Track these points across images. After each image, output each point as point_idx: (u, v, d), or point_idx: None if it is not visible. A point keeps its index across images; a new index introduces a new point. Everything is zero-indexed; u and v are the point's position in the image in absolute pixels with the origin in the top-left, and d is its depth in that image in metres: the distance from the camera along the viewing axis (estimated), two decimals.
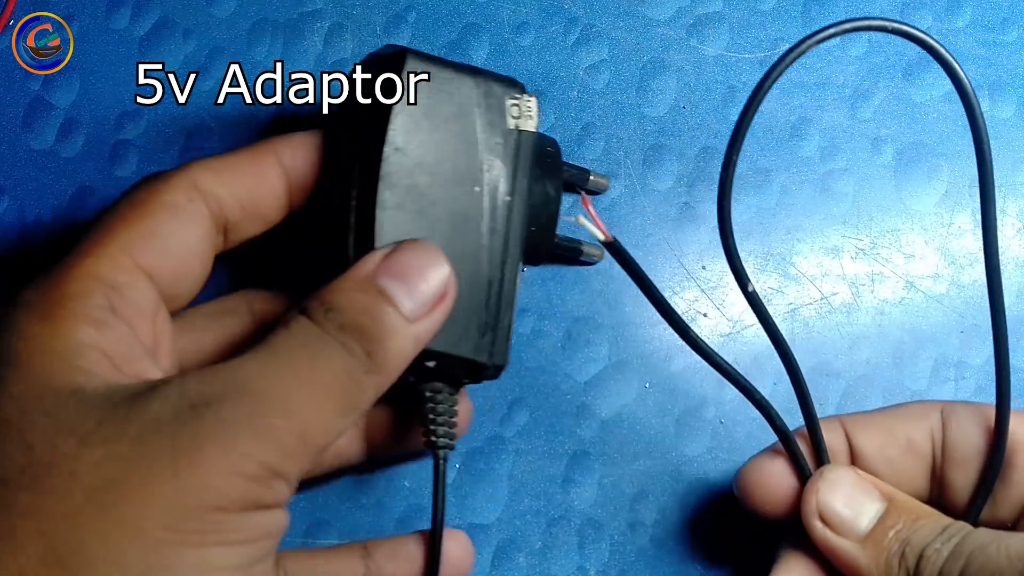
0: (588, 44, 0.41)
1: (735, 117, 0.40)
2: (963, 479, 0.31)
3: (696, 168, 0.40)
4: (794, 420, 0.39)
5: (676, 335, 0.39)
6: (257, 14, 0.41)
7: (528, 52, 0.41)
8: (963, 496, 0.31)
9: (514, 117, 0.31)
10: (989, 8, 0.41)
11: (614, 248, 0.29)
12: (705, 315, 0.39)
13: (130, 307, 0.27)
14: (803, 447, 0.33)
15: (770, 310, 0.39)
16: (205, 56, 0.41)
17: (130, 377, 0.26)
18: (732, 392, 0.38)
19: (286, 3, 0.41)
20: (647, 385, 0.39)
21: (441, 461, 0.32)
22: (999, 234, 0.39)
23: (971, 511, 0.31)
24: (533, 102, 0.32)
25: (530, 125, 0.32)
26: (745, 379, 0.32)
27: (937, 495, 0.32)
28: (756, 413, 0.38)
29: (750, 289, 0.31)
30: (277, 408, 0.25)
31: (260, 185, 0.31)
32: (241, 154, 0.31)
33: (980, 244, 0.39)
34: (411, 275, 0.28)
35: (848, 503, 0.30)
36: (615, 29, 0.41)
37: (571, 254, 0.38)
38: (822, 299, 0.39)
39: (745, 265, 0.39)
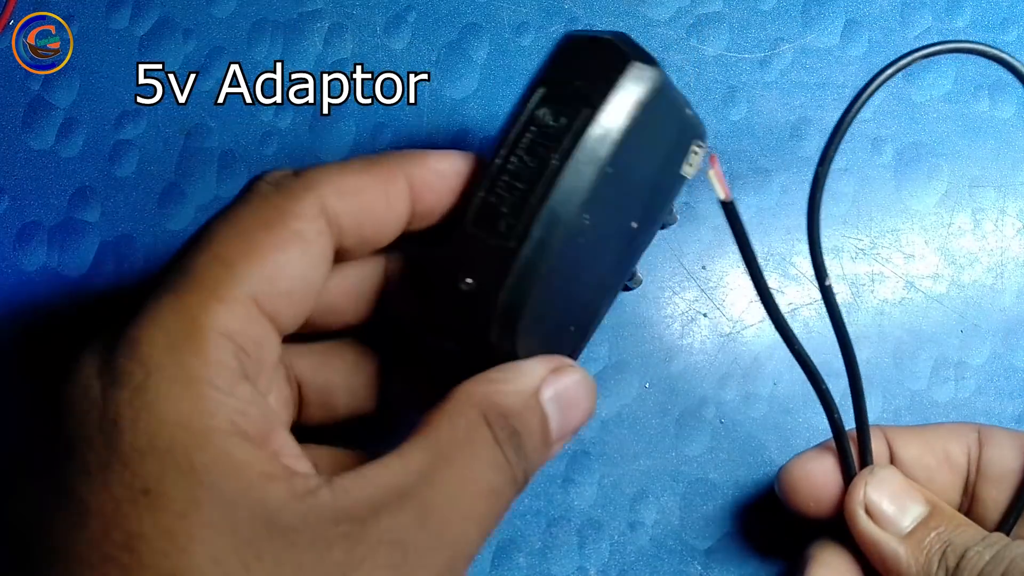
0: None
1: (735, 117, 0.40)
2: (994, 496, 0.32)
3: None
4: (793, 418, 0.39)
5: (676, 336, 0.39)
6: (257, 14, 0.41)
7: (528, 52, 0.41)
8: (992, 513, 0.32)
9: (688, 164, 0.30)
10: (989, 8, 0.41)
11: (729, 209, 0.28)
12: (705, 315, 0.39)
13: (257, 368, 0.25)
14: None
15: None
16: (205, 56, 0.41)
17: (269, 455, 0.24)
18: (732, 392, 0.38)
19: (286, 3, 0.41)
20: (647, 385, 0.39)
21: None
22: (998, 234, 0.39)
23: (1002, 527, 0.32)
24: (702, 154, 0.30)
25: (690, 173, 0.30)
26: (817, 369, 0.32)
27: (967, 509, 0.33)
28: (756, 413, 0.38)
29: (827, 283, 0.31)
30: (461, 557, 0.25)
31: (386, 213, 0.28)
32: (370, 173, 0.28)
33: (980, 244, 0.39)
34: (571, 407, 0.28)
35: (894, 501, 0.32)
36: (615, 29, 0.41)
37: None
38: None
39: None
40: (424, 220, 0.29)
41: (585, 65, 0.27)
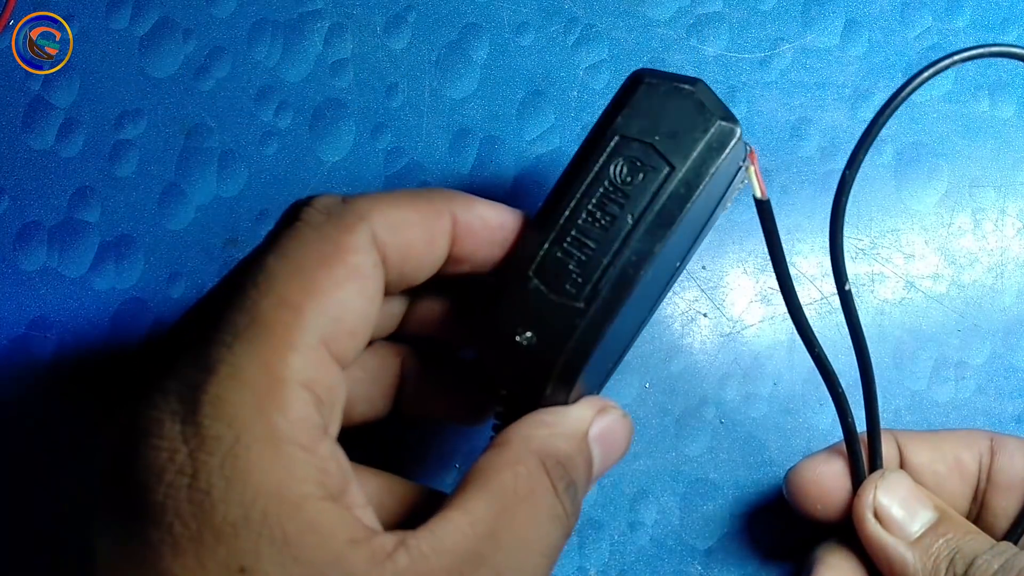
0: (588, 44, 0.41)
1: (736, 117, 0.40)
2: (1003, 505, 0.32)
3: None
4: (793, 418, 0.39)
5: (676, 336, 0.39)
6: (257, 14, 0.41)
7: (528, 52, 0.41)
8: (1001, 521, 0.32)
9: (727, 197, 0.29)
10: (989, 8, 0.41)
11: (764, 208, 0.28)
12: (705, 315, 0.39)
13: (330, 414, 0.24)
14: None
15: (770, 310, 0.39)
16: (205, 56, 0.41)
17: (350, 515, 0.23)
18: (732, 392, 0.38)
19: (286, 3, 0.41)
20: (647, 385, 0.39)
21: None
22: (998, 234, 0.39)
23: (1011, 536, 0.32)
24: (741, 189, 0.30)
25: (728, 207, 0.30)
26: (835, 372, 0.32)
27: (976, 517, 0.33)
28: (756, 413, 0.38)
29: (847, 288, 0.31)
30: None
31: (426, 251, 0.27)
32: (417, 208, 0.27)
33: (980, 244, 0.39)
34: (611, 446, 0.29)
35: (904, 506, 0.32)
36: (615, 29, 0.41)
37: None
38: (822, 299, 0.39)
39: (745, 265, 0.39)
40: (457, 265, 0.28)
41: (665, 117, 0.26)
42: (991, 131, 0.40)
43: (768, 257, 0.39)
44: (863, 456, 0.33)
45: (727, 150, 0.26)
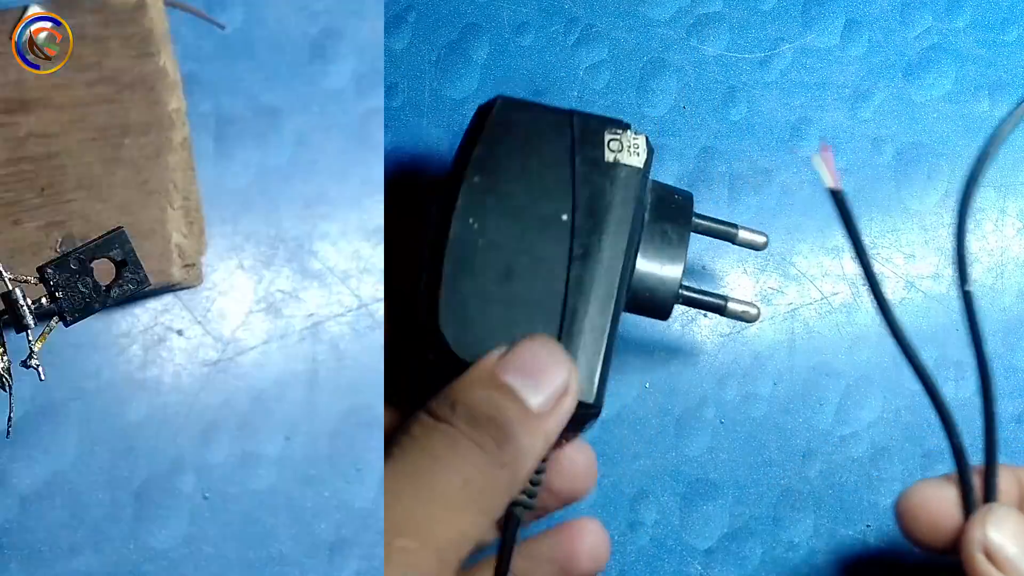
0: (588, 44, 0.41)
1: (735, 117, 0.40)
2: None
3: (696, 168, 0.40)
4: (793, 418, 0.39)
5: (676, 336, 0.39)
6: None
7: (528, 52, 0.41)
8: None
9: (612, 151, 0.30)
10: (989, 8, 0.41)
11: (838, 199, 0.28)
12: (705, 315, 0.39)
13: None
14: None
15: (771, 310, 0.39)
16: None
17: None
18: (732, 392, 0.38)
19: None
20: (647, 385, 0.39)
21: (516, 517, 0.29)
22: (998, 234, 0.39)
23: None
24: (641, 140, 0.31)
25: (635, 161, 0.30)
26: (933, 381, 0.30)
27: None
28: (756, 413, 0.38)
29: (967, 288, 0.30)
30: (412, 532, 0.24)
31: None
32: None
33: (980, 244, 0.39)
34: (532, 370, 0.27)
35: (1018, 543, 0.29)
36: (615, 29, 0.41)
37: (714, 310, 0.34)
38: (822, 299, 0.39)
39: (745, 265, 0.39)
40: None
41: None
42: (991, 131, 0.40)
43: (768, 257, 0.39)
44: (975, 485, 0.30)
45: (486, 122, 0.30)
